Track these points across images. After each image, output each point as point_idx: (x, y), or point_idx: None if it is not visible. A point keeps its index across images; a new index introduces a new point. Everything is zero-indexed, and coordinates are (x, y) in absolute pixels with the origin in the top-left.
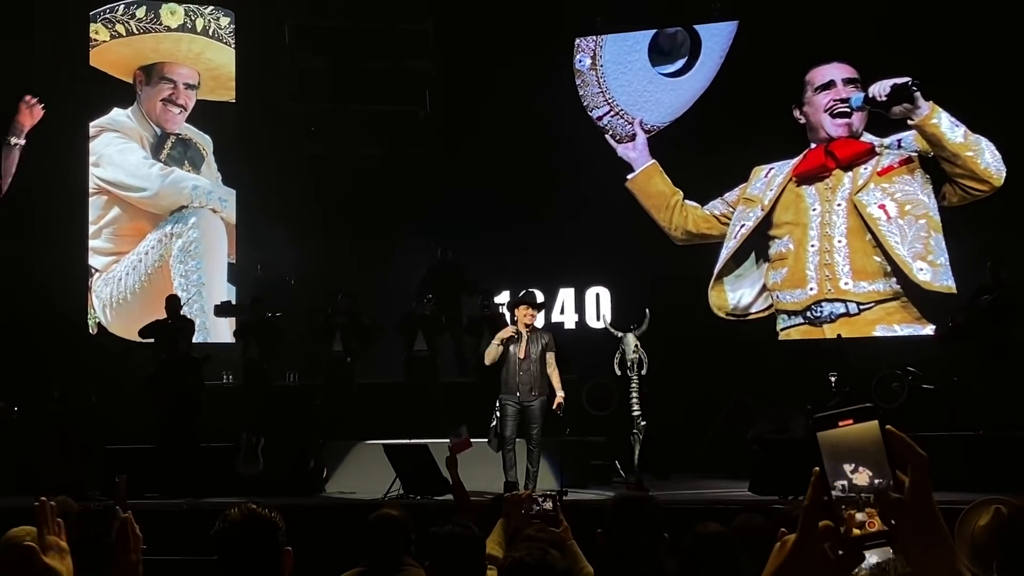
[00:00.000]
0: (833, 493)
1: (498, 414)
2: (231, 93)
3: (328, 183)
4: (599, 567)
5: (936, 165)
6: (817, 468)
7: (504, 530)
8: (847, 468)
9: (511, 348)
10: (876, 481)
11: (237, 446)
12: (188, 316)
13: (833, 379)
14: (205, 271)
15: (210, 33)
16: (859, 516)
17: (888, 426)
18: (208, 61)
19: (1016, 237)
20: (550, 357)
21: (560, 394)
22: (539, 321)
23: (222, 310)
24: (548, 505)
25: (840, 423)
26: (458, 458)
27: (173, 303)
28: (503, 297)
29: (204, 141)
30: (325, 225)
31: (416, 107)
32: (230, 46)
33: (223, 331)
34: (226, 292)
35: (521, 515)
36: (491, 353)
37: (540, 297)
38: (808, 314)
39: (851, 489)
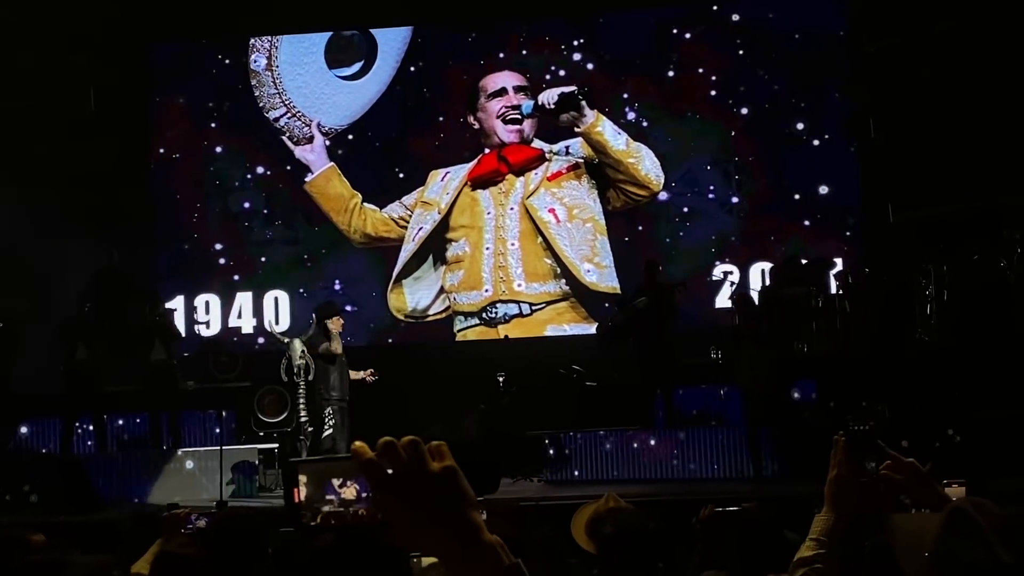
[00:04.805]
0: (325, 508)
1: (332, 421)
2: None
3: None
4: None
5: (601, 171)
6: None
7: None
8: (336, 483)
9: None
10: (364, 494)
11: None
12: None
13: (501, 379)
14: None
15: None
16: None
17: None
18: None
19: (674, 237)
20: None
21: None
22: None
23: None
24: (202, 524)
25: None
26: None
27: None
28: (176, 302)
29: None
30: None
31: (80, 104)
32: None
33: None
34: None
35: (181, 534)
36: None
37: None
38: (483, 315)
39: (341, 503)
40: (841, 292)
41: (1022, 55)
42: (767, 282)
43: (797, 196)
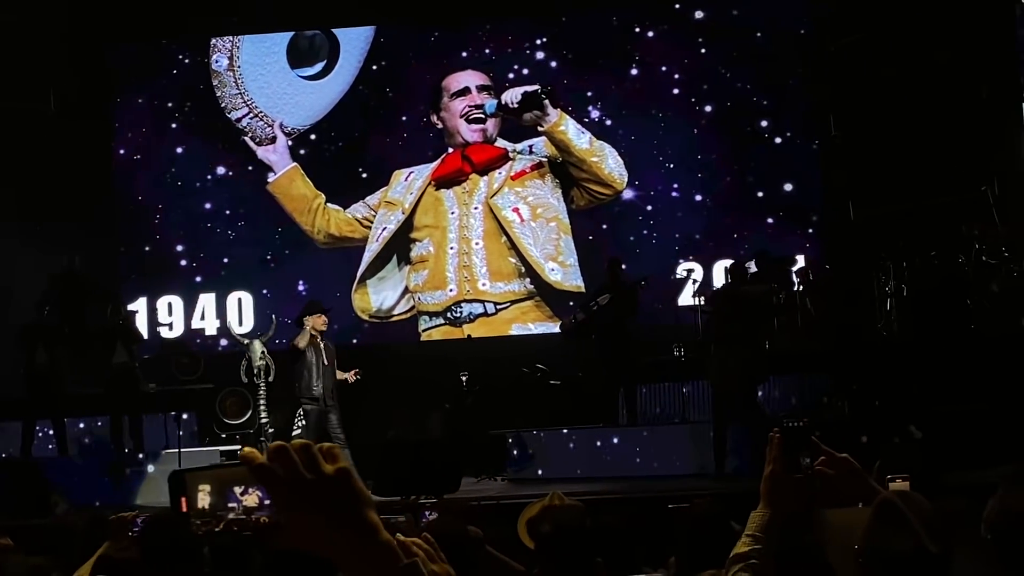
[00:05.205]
0: (229, 516)
1: (303, 421)
2: None
3: None
4: None
5: (565, 170)
6: None
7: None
8: (237, 491)
9: (310, 356)
10: (266, 501)
11: None
12: None
13: (464, 378)
14: None
15: None
16: None
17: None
18: None
19: (637, 235)
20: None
21: (349, 374)
22: None
23: None
24: None
25: None
26: None
27: None
28: (138, 304)
29: None
30: None
31: (40, 105)
32: None
33: None
34: None
35: (127, 537)
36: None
37: None
38: (448, 315)
39: (244, 511)
40: (802, 289)
41: (981, 54)
42: (728, 279)
43: (760, 194)
